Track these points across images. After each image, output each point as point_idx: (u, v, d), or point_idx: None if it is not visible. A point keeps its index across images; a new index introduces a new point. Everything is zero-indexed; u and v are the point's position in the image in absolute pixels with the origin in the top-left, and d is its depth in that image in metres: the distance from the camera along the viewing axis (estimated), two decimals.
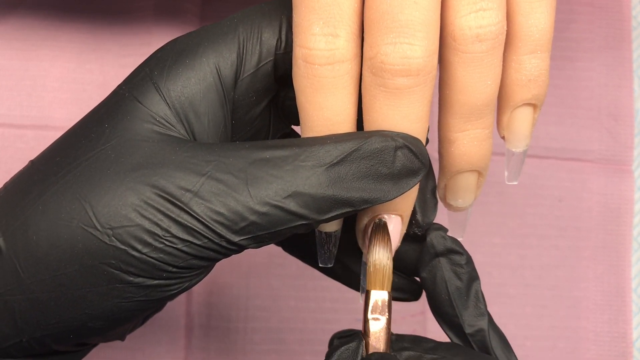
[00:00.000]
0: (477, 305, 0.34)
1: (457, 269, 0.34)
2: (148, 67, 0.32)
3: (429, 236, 0.34)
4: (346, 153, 0.30)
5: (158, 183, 0.30)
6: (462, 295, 0.34)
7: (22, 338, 0.31)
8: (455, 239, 0.34)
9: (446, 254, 0.34)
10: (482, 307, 0.34)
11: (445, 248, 0.34)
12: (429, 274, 0.34)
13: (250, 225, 0.30)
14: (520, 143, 0.34)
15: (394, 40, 0.30)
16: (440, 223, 0.35)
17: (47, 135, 0.49)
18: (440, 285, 0.34)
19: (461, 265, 0.34)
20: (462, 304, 0.34)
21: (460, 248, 0.34)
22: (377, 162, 0.30)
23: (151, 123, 0.31)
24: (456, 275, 0.34)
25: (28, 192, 0.31)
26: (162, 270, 0.30)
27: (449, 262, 0.34)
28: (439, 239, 0.34)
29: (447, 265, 0.34)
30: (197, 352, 0.49)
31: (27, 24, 0.50)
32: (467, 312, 0.34)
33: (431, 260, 0.34)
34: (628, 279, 0.52)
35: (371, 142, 0.30)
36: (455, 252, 0.34)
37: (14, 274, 0.30)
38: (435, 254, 0.34)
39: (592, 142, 0.52)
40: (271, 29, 0.32)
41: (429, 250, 0.34)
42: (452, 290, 0.34)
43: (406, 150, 0.31)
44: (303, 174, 0.30)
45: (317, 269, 0.37)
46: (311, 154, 0.30)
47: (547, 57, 0.33)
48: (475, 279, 0.34)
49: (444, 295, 0.34)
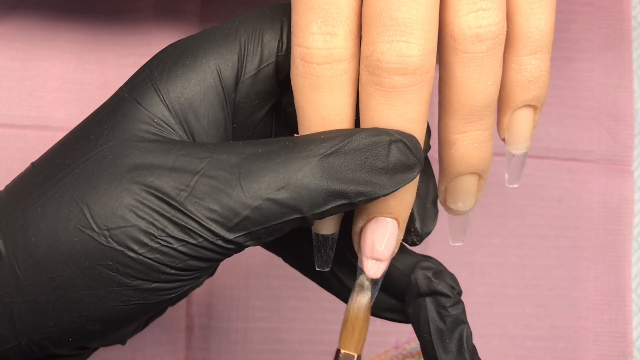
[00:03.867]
0: (460, 351, 0.32)
1: (442, 310, 0.33)
2: (148, 68, 0.32)
3: (414, 274, 0.33)
4: (340, 144, 0.30)
5: (153, 183, 0.30)
6: (444, 338, 0.33)
7: (21, 341, 0.31)
8: (446, 279, 0.33)
9: (431, 294, 0.33)
10: (466, 354, 0.32)
11: (429, 289, 0.33)
12: (413, 310, 0.33)
13: (244, 221, 0.29)
14: (520, 145, 0.34)
15: (391, 39, 0.29)
16: (441, 226, 0.35)
17: (47, 135, 0.49)
18: (423, 325, 0.33)
19: (445, 307, 0.33)
20: (443, 347, 0.33)
21: (449, 290, 0.33)
22: (372, 155, 0.30)
23: (149, 124, 0.31)
24: (440, 316, 0.33)
25: (28, 194, 0.31)
26: (160, 272, 0.30)
27: (434, 303, 0.33)
28: (423, 279, 0.33)
29: (431, 305, 0.33)
30: (198, 352, 0.49)
31: (27, 24, 0.50)
32: (448, 357, 0.32)
33: (416, 298, 0.33)
34: (628, 279, 0.52)
35: (365, 134, 0.30)
36: (441, 294, 0.33)
37: (13, 276, 0.30)
38: (420, 294, 0.33)
39: (592, 142, 0.52)
40: (272, 31, 0.32)
41: (413, 289, 0.33)
42: (434, 332, 0.33)
43: (401, 144, 0.30)
44: (296, 165, 0.30)
45: (317, 282, 0.37)
46: (304, 145, 0.30)
47: (547, 58, 0.33)
48: (462, 322, 0.33)
49: (426, 335, 0.33)
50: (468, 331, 0.33)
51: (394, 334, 0.50)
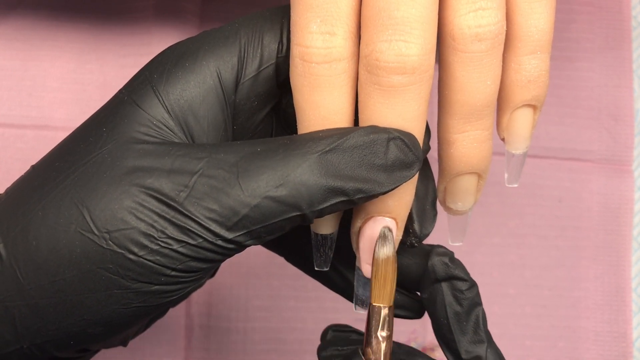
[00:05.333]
0: (477, 332, 0.34)
1: (458, 294, 0.34)
2: (148, 70, 0.32)
3: (430, 260, 0.34)
4: (338, 142, 0.30)
5: (152, 185, 0.29)
6: (461, 320, 0.34)
7: (23, 344, 0.31)
8: (460, 265, 0.34)
9: (448, 280, 0.34)
10: (482, 334, 0.34)
11: (446, 274, 0.34)
12: (429, 296, 0.34)
13: (244, 220, 0.29)
14: (520, 145, 0.34)
15: (390, 38, 0.29)
16: (440, 226, 0.35)
17: (47, 135, 0.49)
18: (440, 309, 0.34)
19: (462, 291, 0.34)
20: (460, 329, 0.34)
21: (464, 274, 0.34)
22: (370, 153, 0.30)
23: (148, 127, 0.31)
24: (456, 300, 0.34)
25: (28, 197, 0.31)
26: (160, 274, 0.30)
27: (450, 287, 0.34)
28: (441, 265, 0.34)
29: (447, 289, 0.34)
30: (197, 352, 0.49)
31: (27, 24, 0.50)
32: (465, 338, 0.34)
33: (432, 284, 0.34)
34: (628, 279, 0.52)
35: (363, 131, 0.30)
36: (458, 278, 0.34)
37: (14, 280, 0.30)
38: (437, 280, 0.34)
39: (592, 142, 0.52)
40: (272, 33, 0.32)
41: (430, 276, 0.34)
42: (451, 315, 0.34)
43: (399, 141, 0.30)
44: (294, 162, 0.29)
45: (320, 281, 0.37)
46: (302, 143, 0.30)
47: (547, 57, 0.32)
48: (477, 305, 0.34)
49: (442, 319, 0.34)
50: (483, 312, 0.34)
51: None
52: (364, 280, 0.34)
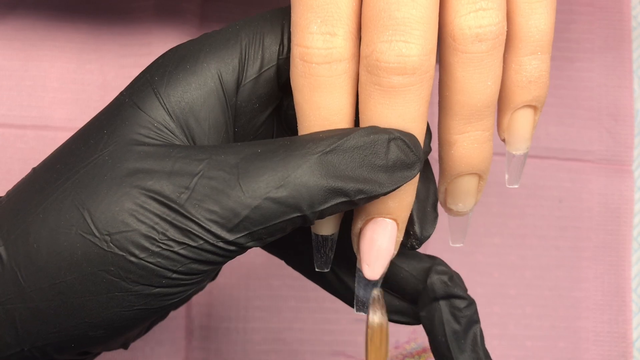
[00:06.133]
0: (474, 350, 0.34)
1: (457, 312, 0.34)
2: (149, 73, 0.32)
3: (430, 279, 0.34)
4: (338, 142, 0.30)
5: (153, 187, 0.29)
6: (459, 338, 0.34)
7: (24, 347, 0.31)
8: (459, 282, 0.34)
9: (446, 298, 0.34)
10: (480, 352, 0.34)
11: (445, 293, 0.34)
12: (427, 313, 0.34)
13: (245, 221, 0.29)
14: (520, 145, 0.34)
15: (390, 38, 0.29)
16: (441, 227, 0.35)
17: (47, 135, 0.49)
18: (437, 327, 0.34)
19: (460, 309, 0.34)
20: (458, 347, 0.34)
21: (463, 292, 0.34)
22: (371, 153, 0.30)
23: (149, 129, 0.31)
24: (454, 318, 0.34)
25: (29, 200, 0.31)
26: (162, 277, 0.30)
27: (449, 305, 0.34)
28: (440, 284, 0.34)
29: (446, 307, 0.34)
30: (197, 353, 0.49)
31: (27, 24, 0.50)
32: (464, 356, 0.34)
33: (431, 302, 0.34)
34: (628, 279, 0.52)
35: (363, 131, 0.30)
36: (457, 296, 0.34)
37: (15, 282, 0.30)
38: (435, 298, 0.34)
39: (592, 142, 0.52)
40: (273, 35, 0.32)
41: (429, 294, 0.34)
42: (449, 333, 0.34)
43: (400, 142, 0.30)
44: (294, 162, 0.29)
45: (319, 284, 0.37)
46: (302, 144, 0.30)
47: (547, 58, 0.32)
48: (475, 322, 0.34)
49: (440, 337, 0.34)
50: (481, 330, 0.34)
51: (393, 334, 0.50)
52: (364, 282, 0.34)
